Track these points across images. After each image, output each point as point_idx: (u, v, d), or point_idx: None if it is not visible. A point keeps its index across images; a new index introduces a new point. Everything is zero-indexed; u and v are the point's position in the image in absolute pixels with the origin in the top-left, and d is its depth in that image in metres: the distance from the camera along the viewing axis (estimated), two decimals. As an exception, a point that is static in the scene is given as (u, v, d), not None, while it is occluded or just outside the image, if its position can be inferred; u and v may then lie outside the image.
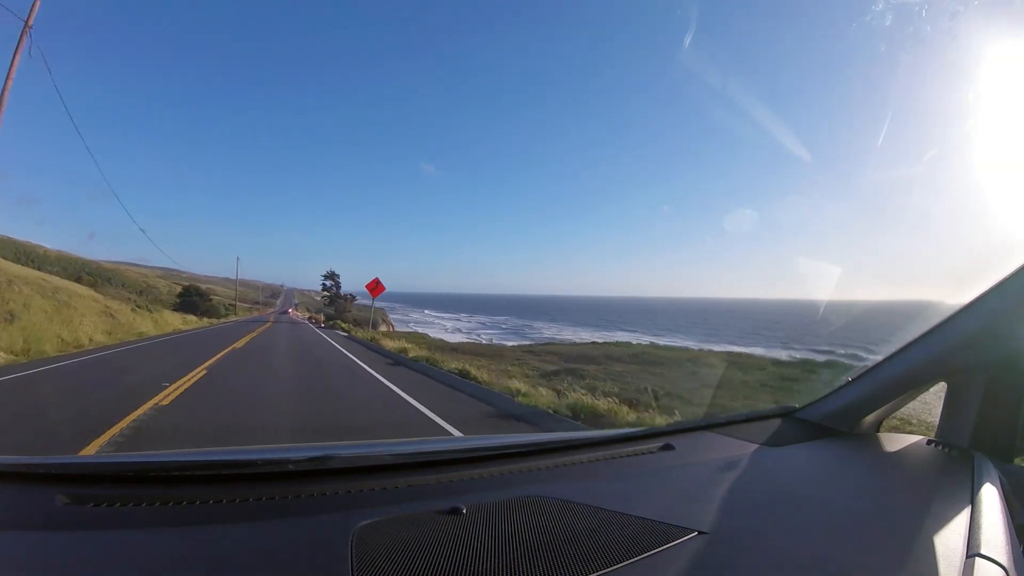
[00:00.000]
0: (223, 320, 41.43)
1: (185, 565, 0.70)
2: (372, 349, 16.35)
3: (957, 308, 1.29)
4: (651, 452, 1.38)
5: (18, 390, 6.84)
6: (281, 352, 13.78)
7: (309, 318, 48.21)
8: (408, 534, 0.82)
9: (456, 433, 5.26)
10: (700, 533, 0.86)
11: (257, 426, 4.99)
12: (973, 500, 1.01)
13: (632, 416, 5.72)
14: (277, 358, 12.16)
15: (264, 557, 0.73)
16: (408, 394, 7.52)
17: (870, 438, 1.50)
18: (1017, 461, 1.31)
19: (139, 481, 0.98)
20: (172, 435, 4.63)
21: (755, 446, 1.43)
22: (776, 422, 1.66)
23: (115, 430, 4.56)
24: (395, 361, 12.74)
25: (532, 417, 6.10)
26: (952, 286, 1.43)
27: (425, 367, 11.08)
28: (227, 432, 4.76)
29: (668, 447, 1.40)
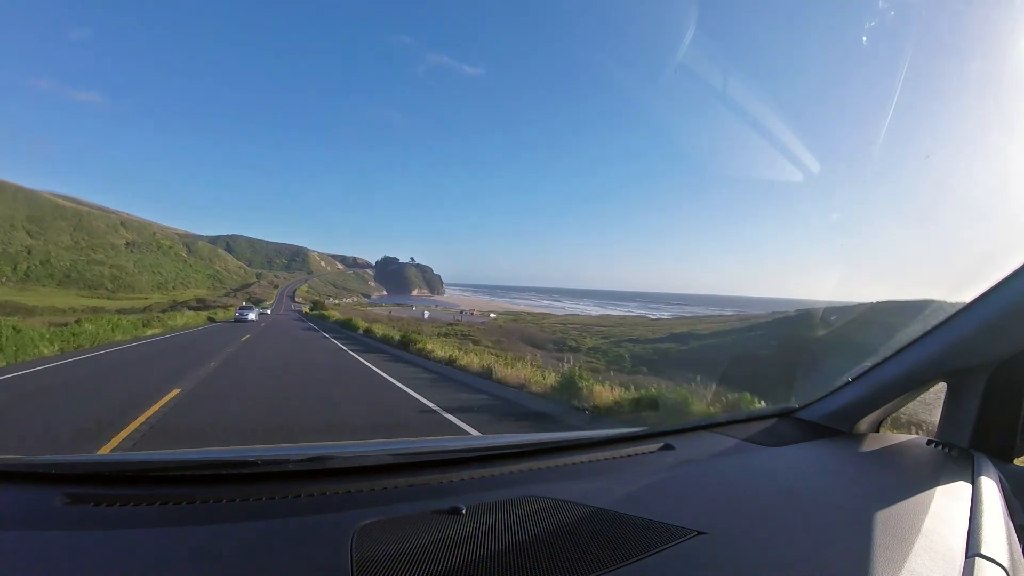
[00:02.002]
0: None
1: (185, 565, 0.70)
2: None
3: (957, 308, 1.29)
4: (651, 452, 1.38)
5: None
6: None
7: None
8: (408, 534, 0.81)
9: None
10: (700, 533, 0.86)
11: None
12: (973, 500, 1.01)
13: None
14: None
15: (264, 557, 0.73)
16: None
17: (870, 438, 1.50)
18: (1017, 461, 1.31)
19: (139, 481, 0.98)
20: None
21: (755, 446, 1.43)
22: (776, 422, 1.66)
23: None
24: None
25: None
26: (952, 286, 1.43)
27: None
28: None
29: (668, 447, 1.40)
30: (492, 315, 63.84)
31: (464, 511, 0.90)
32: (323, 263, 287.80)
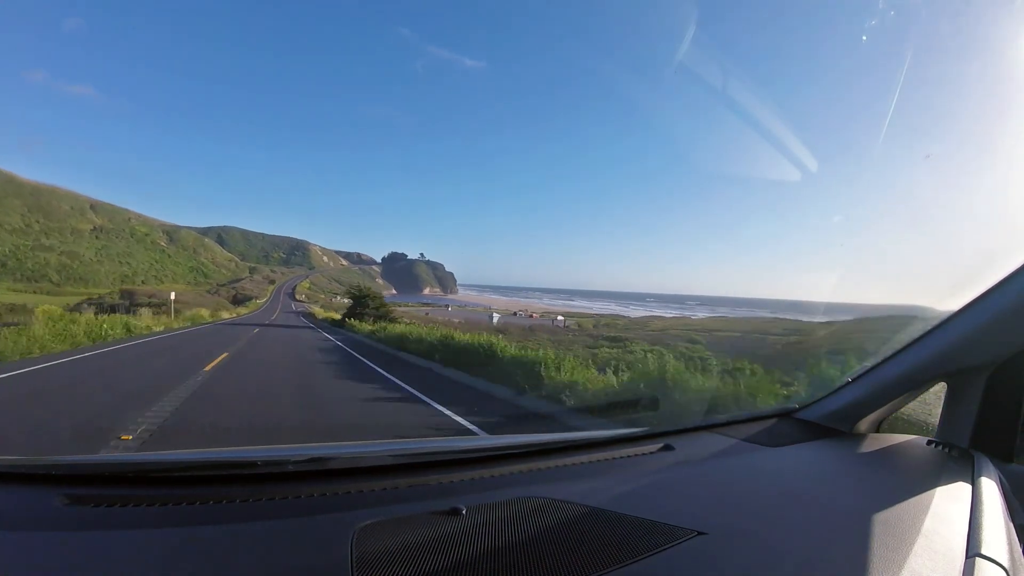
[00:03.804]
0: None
1: (185, 565, 0.70)
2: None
3: (957, 308, 1.29)
4: (651, 453, 1.38)
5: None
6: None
7: None
8: (408, 535, 0.81)
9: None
10: (700, 533, 0.86)
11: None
12: (973, 500, 1.01)
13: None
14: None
15: (264, 557, 0.73)
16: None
17: (870, 438, 1.50)
18: (1017, 461, 1.32)
19: (139, 481, 0.98)
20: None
21: (755, 446, 1.43)
22: (776, 422, 1.66)
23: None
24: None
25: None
26: (950, 287, 1.43)
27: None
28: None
29: (668, 447, 1.40)
30: (560, 318, 51.45)
31: (464, 511, 0.89)
32: (325, 258, 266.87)
